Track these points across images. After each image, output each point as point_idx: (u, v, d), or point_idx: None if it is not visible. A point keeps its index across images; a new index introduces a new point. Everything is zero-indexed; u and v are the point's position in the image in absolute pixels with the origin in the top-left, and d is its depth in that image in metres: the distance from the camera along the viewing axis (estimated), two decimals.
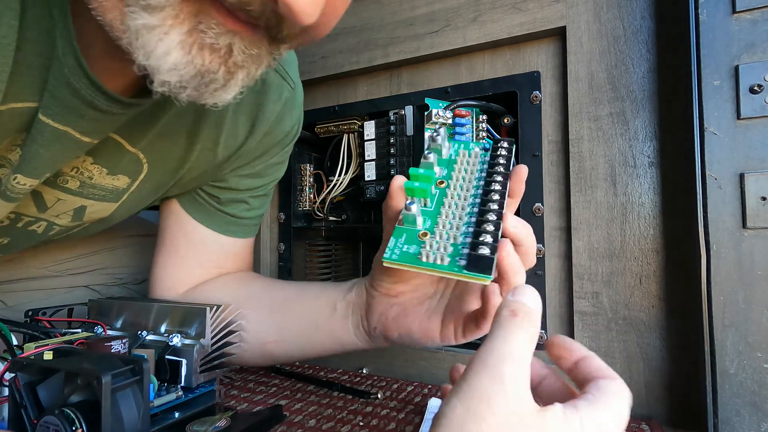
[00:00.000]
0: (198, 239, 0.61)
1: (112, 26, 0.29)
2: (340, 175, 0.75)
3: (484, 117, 0.64)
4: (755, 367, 0.44)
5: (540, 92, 0.60)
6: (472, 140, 0.64)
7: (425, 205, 0.36)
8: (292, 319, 0.52)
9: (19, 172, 0.42)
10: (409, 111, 0.69)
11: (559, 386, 0.30)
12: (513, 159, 0.38)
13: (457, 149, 0.40)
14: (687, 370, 0.51)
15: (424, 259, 0.32)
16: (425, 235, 0.34)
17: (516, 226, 0.36)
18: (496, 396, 0.23)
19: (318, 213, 0.78)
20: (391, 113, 0.69)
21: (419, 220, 0.35)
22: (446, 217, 0.35)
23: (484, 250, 0.31)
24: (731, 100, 0.45)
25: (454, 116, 0.63)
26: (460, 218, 0.34)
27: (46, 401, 0.34)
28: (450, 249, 0.33)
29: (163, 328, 0.50)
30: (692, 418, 0.50)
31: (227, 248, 0.62)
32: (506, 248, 0.34)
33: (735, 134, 0.45)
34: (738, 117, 0.45)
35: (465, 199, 0.36)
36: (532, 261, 0.38)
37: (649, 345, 0.53)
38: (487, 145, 0.39)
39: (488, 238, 0.32)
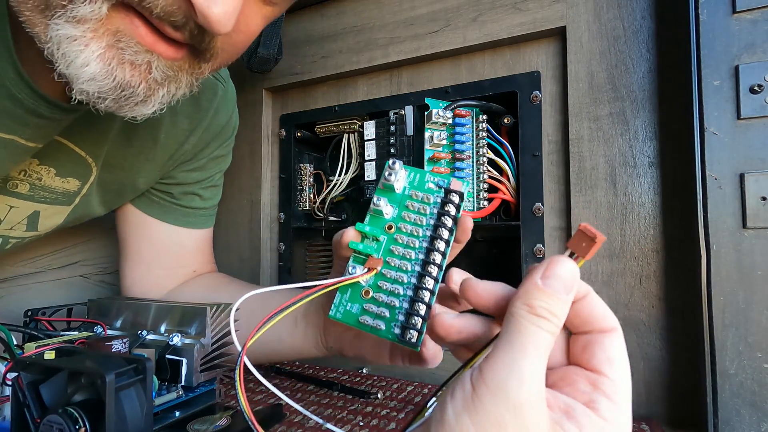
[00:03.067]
0: (156, 237, 0.63)
1: (39, 37, 0.31)
2: (340, 175, 0.75)
3: (484, 117, 0.64)
4: (755, 367, 0.44)
5: (540, 92, 0.60)
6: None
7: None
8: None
9: None
10: (409, 111, 0.69)
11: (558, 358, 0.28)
12: (462, 207, 0.38)
13: (411, 181, 0.39)
14: (687, 370, 0.51)
15: (363, 323, 0.35)
16: (368, 293, 0.36)
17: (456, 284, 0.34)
18: (513, 426, 0.21)
19: (318, 213, 0.78)
20: (391, 113, 0.69)
21: (363, 279, 0.36)
22: (389, 274, 0.36)
23: (412, 333, 0.33)
24: (731, 100, 0.46)
25: (454, 116, 0.63)
26: (401, 279, 0.36)
27: (49, 400, 0.34)
28: (387, 314, 0.35)
29: (162, 328, 0.50)
30: (692, 418, 0.50)
31: (186, 243, 0.65)
32: (438, 322, 0.32)
33: (735, 134, 0.45)
34: (738, 117, 0.45)
35: (411, 249, 0.37)
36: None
37: (649, 345, 0.53)
38: (441, 182, 0.38)
39: (422, 310, 0.34)
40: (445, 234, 0.36)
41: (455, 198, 0.37)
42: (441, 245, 0.36)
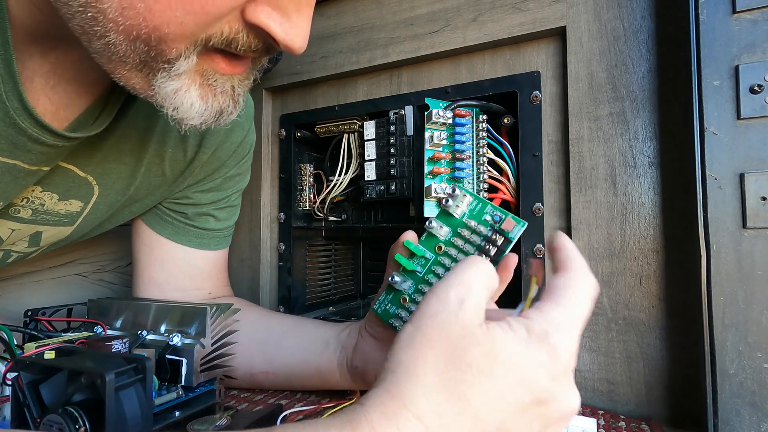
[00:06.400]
0: (169, 259, 0.63)
1: (137, 89, 0.36)
2: (340, 175, 0.75)
3: (484, 117, 0.64)
4: (755, 367, 0.44)
5: (540, 92, 0.60)
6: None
7: (416, 271, 0.41)
8: (286, 353, 0.55)
9: None
10: (409, 111, 0.69)
11: None
12: (507, 251, 0.39)
13: (472, 210, 0.41)
14: (687, 370, 0.51)
15: (392, 324, 0.42)
16: (405, 300, 0.41)
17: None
18: (440, 313, 0.26)
19: (318, 213, 0.78)
20: (391, 113, 0.69)
21: (404, 286, 0.41)
22: (425, 289, 0.40)
23: None
24: (731, 100, 0.46)
25: (454, 116, 0.63)
26: None
27: (49, 400, 0.34)
28: None
29: (162, 328, 0.50)
30: (692, 418, 0.50)
31: (200, 265, 0.65)
32: None
33: (735, 134, 0.45)
34: (738, 117, 0.45)
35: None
36: None
37: (649, 345, 0.53)
38: (497, 218, 0.40)
39: None
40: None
41: (499, 240, 0.39)
42: None
